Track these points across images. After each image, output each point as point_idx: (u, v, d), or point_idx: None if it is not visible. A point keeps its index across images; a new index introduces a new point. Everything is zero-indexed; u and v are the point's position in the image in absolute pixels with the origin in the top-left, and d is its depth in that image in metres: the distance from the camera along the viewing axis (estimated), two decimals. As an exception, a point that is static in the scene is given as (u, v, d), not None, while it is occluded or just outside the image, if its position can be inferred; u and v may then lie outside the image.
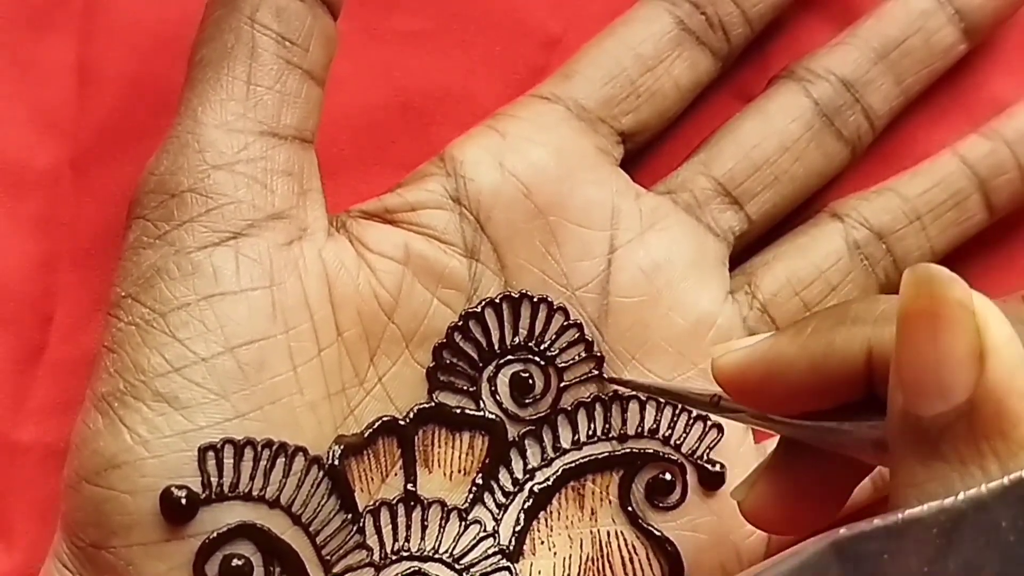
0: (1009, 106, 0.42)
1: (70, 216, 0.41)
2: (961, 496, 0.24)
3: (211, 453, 0.33)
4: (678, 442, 0.37)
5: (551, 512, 0.37)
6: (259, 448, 0.33)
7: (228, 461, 0.33)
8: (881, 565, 0.25)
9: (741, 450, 0.38)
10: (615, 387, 0.37)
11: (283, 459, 0.34)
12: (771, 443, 0.39)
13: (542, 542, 0.37)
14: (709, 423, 0.37)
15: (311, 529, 0.34)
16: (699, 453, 0.37)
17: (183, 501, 0.32)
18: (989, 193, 0.41)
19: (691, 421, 0.37)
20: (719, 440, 0.37)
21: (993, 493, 0.24)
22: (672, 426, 0.37)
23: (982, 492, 0.24)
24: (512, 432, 0.37)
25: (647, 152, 0.42)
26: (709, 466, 0.37)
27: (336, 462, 0.34)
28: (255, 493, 0.33)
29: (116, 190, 0.40)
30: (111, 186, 0.40)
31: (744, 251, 0.41)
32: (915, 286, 0.25)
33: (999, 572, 0.25)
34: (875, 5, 0.42)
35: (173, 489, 0.32)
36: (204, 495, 0.33)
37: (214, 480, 0.33)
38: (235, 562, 0.33)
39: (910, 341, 0.25)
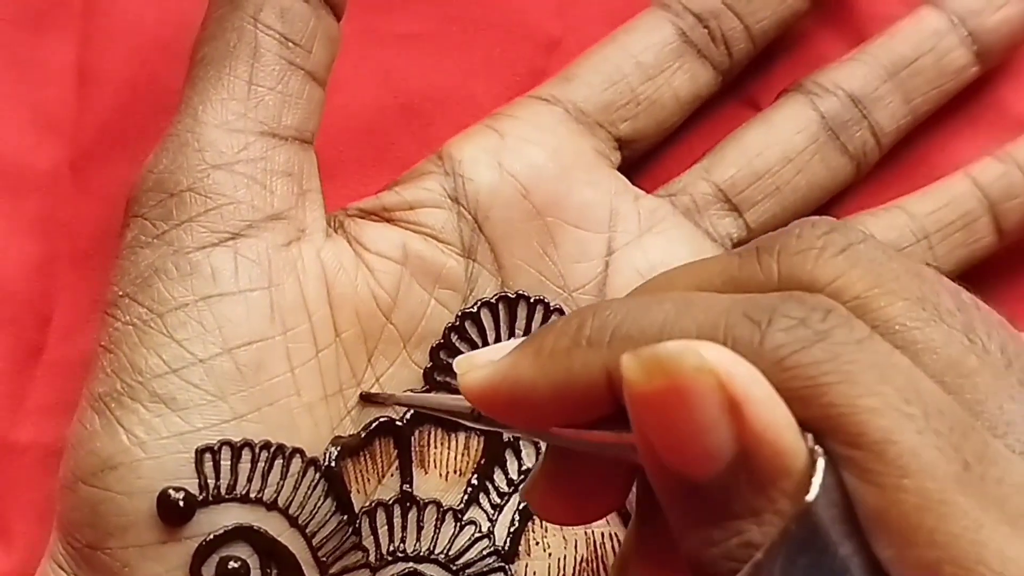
0: (1023, 122, 0.42)
1: (69, 217, 0.41)
2: (747, 568, 0.23)
3: (208, 455, 0.33)
4: (674, 444, 0.37)
5: (546, 514, 0.37)
6: (256, 450, 0.33)
7: (225, 463, 0.33)
8: None
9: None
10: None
11: (280, 461, 0.34)
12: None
13: (537, 543, 0.37)
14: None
15: (308, 531, 0.34)
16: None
17: (180, 503, 0.32)
18: (999, 216, 0.40)
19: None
20: (714, 442, 0.37)
21: (771, 556, 0.23)
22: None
23: (758, 560, 0.23)
24: (507, 433, 0.37)
25: (656, 159, 0.42)
26: (704, 468, 0.37)
27: (333, 463, 0.34)
28: (252, 495, 0.33)
29: (116, 191, 0.39)
30: (110, 187, 0.40)
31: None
32: (642, 368, 0.23)
33: None
34: (890, 23, 0.42)
35: (170, 491, 0.32)
36: (201, 497, 0.33)
37: (211, 482, 0.33)
38: (232, 564, 0.33)
39: (656, 420, 0.23)
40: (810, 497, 0.22)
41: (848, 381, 0.23)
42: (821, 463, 0.23)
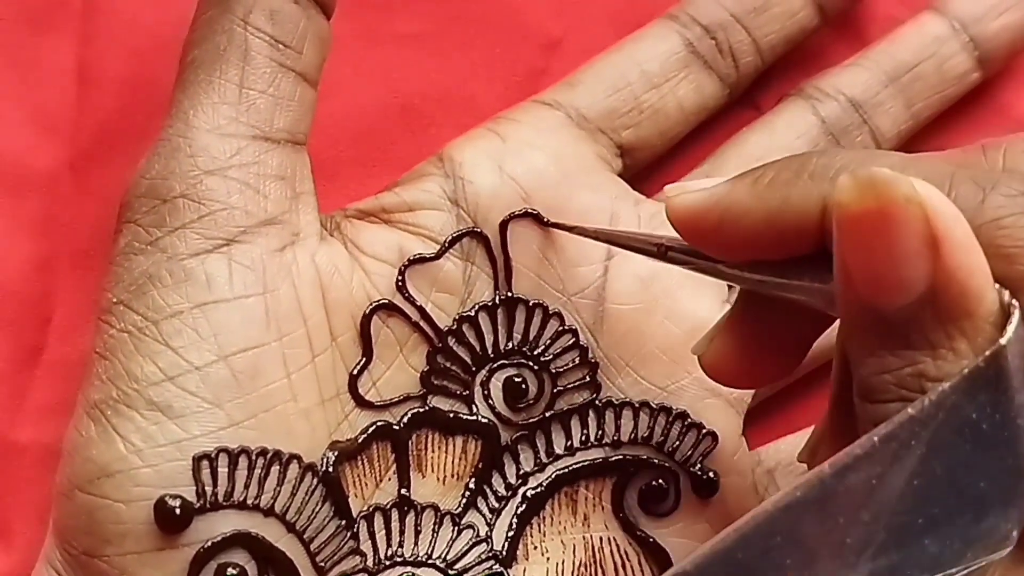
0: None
1: (69, 217, 0.40)
2: (926, 401, 0.25)
3: (205, 462, 0.32)
4: (671, 449, 0.37)
5: (544, 517, 0.36)
6: (253, 456, 0.33)
7: (222, 470, 0.32)
8: (872, 492, 0.25)
9: (735, 458, 0.37)
10: (608, 394, 0.37)
11: (277, 467, 0.33)
12: (764, 449, 0.38)
13: (535, 547, 0.36)
14: (703, 431, 0.37)
15: (305, 536, 0.33)
16: (692, 461, 0.37)
17: (177, 511, 0.32)
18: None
19: (684, 429, 0.37)
20: (713, 448, 0.37)
21: (956, 388, 0.25)
22: (666, 434, 0.37)
23: (945, 389, 0.25)
24: (505, 437, 0.36)
25: (661, 167, 0.41)
26: (702, 474, 0.37)
27: (330, 469, 0.34)
28: (249, 502, 0.33)
29: (115, 191, 0.38)
30: (110, 187, 0.39)
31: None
32: (856, 188, 0.25)
33: (983, 464, 0.25)
34: (894, 28, 0.41)
35: (167, 498, 0.32)
36: (198, 504, 0.32)
37: (208, 489, 0.32)
38: (230, 571, 0.32)
39: (859, 242, 0.25)
40: (1004, 340, 0.25)
41: None
42: (1017, 313, 0.25)
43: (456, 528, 0.35)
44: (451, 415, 0.36)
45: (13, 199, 0.40)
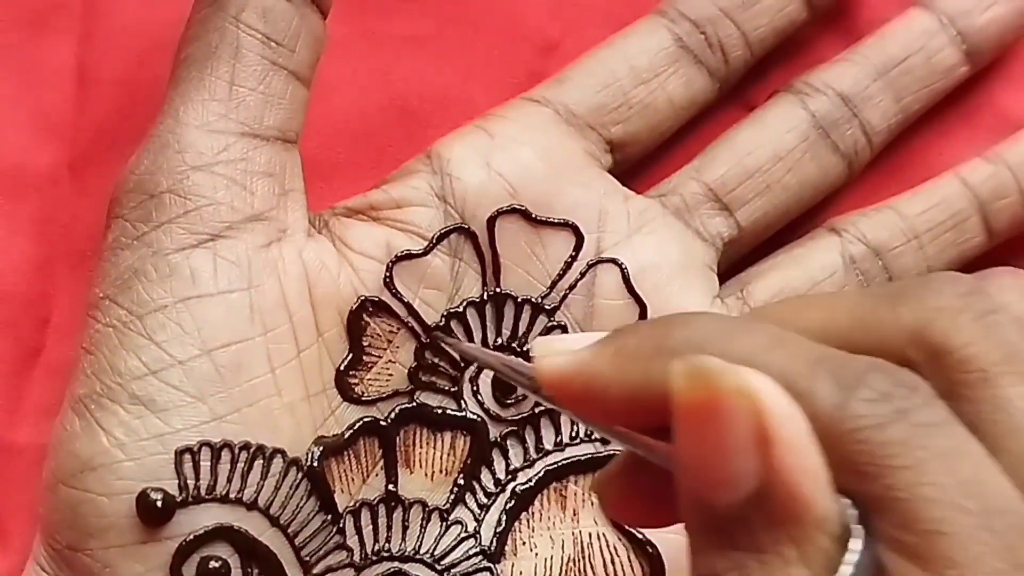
0: (1016, 121, 0.41)
1: (68, 218, 0.40)
2: None
3: (188, 456, 0.32)
4: (660, 444, 0.36)
5: (533, 513, 0.36)
6: (236, 450, 0.32)
7: (205, 464, 0.32)
8: None
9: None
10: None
11: (261, 461, 0.32)
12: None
13: (524, 543, 0.35)
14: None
15: (290, 530, 0.33)
16: (681, 455, 0.36)
17: (159, 504, 0.31)
18: (989, 216, 0.39)
19: (673, 423, 0.36)
20: (701, 442, 0.36)
21: None
22: (654, 428, 0.36)
23: None
24: (494, 433, 0.36)
25: (650, 162, 0.40)
26: (691, 468, 0.36)
27: (315, 463, 0.33)
28: (232, 495, 0.32)
29: None
30: (109, 188, 0.38)
31: (741, 263, 0.39)
32: (686, 377, 0.22)
33: None
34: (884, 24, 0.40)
35: (149, 492, 0.31)
36: (181, 498, 0.31)
37: (191, 483, 0.32)
38: (212, 564, 0.32)
39: (691, 433, 0.23)
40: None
41: (913, 468, 0.22)
42: (856, 543, 0.22)
43: (444, 524, 0.35)
44: (439, 411, 0.35)
45: (12, 200, 0.40)
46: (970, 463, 0.23)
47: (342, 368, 0.34)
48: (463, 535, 0.35)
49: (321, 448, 0.33)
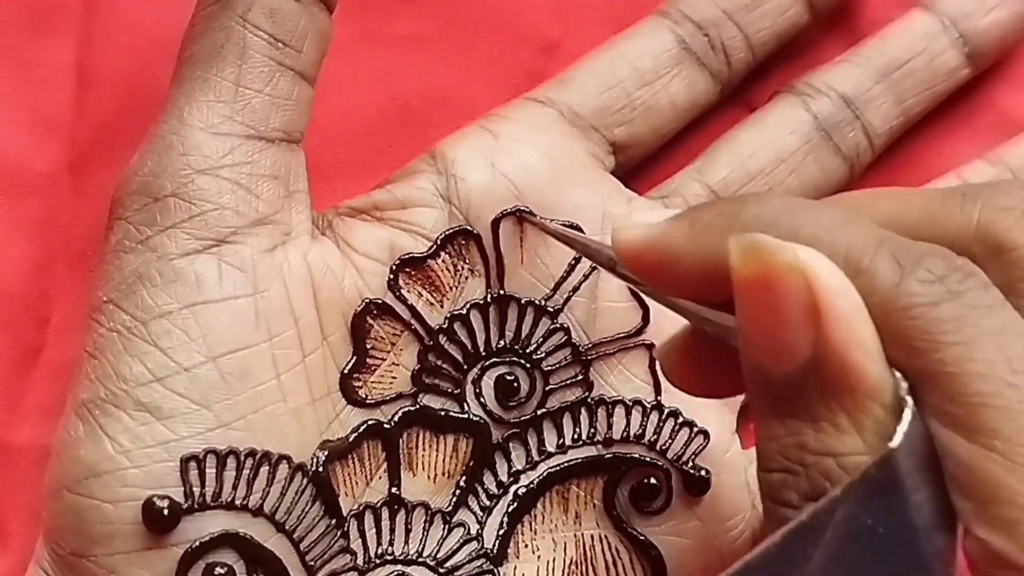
0: (1017, 122, 0.41)
1: (68, 218, 0.39)
2: (817, 508, 0.24)
3: (193, 463, 0.31)
4: (663, 447, 0.36)
5: (535, 515, 0.35)
6: (242, 457, 0.32)
7: (210, 471, 0.31)
8: None
9: (727, 456, 0.36)
10: (601, 392, 0.36)
11: (266, 468, 0.32)
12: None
13: (526, 545, 0.35)
14: (695, 429, 0.36)
15: (295, 536, 0.32)
16: (684, 459, 0.36)
17: (165, 512, 0.31)
18: None
19: (677, 427, 0.36)
20: (705, 446, 0.36)
21: (848, 494, 0.23)
22: (658, 432, 0.36)
23: (836, 495, 0.23)
24: (496, 435, 0.35)
25: (652, 163, 0.40)
26: (694, 472, 0.36)
27: (320, 468, 0.33)
28: (238, 502, 0.32)
29: None
30: (109, 189, 0.38)
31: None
32: (742, 253, 0.24)
33: (883, 567, 0.24)
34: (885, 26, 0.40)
35: (155, 499, 0.31)
36: (186, 505, 0.31)
37: (196, 490, 0.31)
38: (218, 570, 0.31)
39: (748, 305, 0.24)
40: (894, 444, 0.23)
41: (964, 344, 0.23)
42: (908, 413, 0.24)
43: (447, 526, 0.35)
44: (442, 413, 0.35)
45: (12, 200, 0.39)
46: (1019, 342, 0.24)
47: (346, 371, 0.34)
48: (466, 538, 0.35)
49: (326, 453, 0.33)
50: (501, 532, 0.35)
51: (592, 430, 0.36)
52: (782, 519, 0.24)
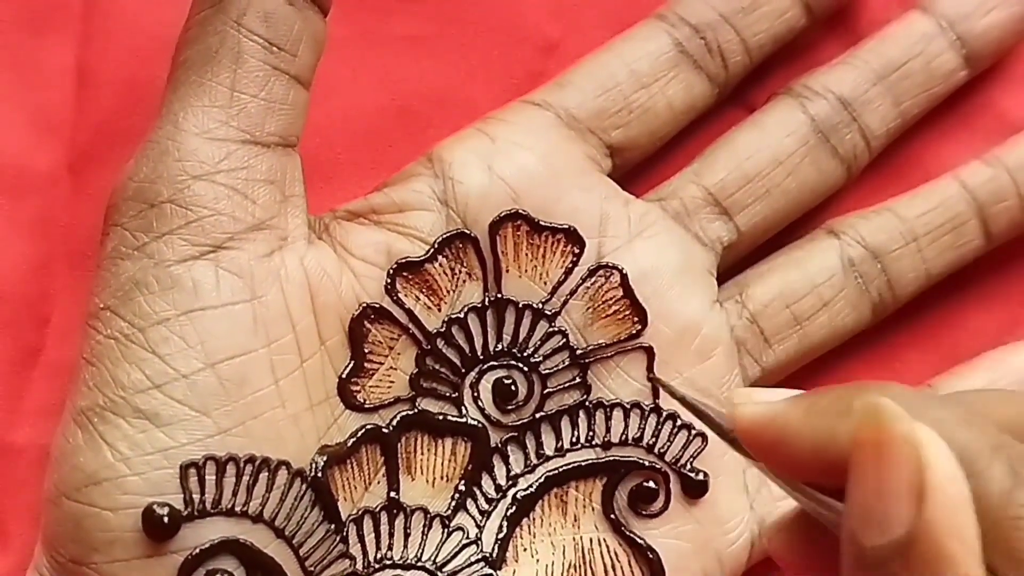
0: (1015, 124, 0.40)
1: (68, 218, 0.39)
2: None
3: (193, 470, 0.31)
4: (662, 450, 0.35)
5: (534, 519, 0.35)
6: (241, 464, 0.31)
7: (210, 478, 0.31)
8: None
9: (725, 458, 0.35)
10: (599, 395, 0.35)
11: (266, 474, 0.31)
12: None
13: (525, 549, 0.35)
14: (693, 432, 0.35)
15: (295, 541, 0.32)
16: (683, 462, 0.35)
17: (165, 519, 0.30)
18: (987, 219, 0.38)
19: (675, 430, 0.35)
20: (703, 449, 0.35)
21: None
22: (656, 434, 0.35)
23: None
24: (495, 438, 0.35)
25: (649, 164, 0.39)
26: (693, 475, 0.35)
27: (319, 473, 0.32)
28: (238, 509, 0.31)
29: None
30: (109, 189, 0.38)
31: (739, 263, 0.38)
32: (864, 415, 0.23)
33: None
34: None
35: (155, 506, 0.30)
36: (186, 512, 0.31)
37: (196, 497, 0.31)
38: (218, 576, 0.31)
39: (858, 469, 0.23)
40: None
41: None
42: None
43: (445, 530, 0.34)
44: (440, 417, 0.34)
45: (11, 200, 0.38)
46: None
47: (344, 376, 0.34)
48: (464, 542, 0.34)
49: (325, 458, 0.32)
50: (500, 536, 0.34)
51: (590, 433, 0.35)
52: None
